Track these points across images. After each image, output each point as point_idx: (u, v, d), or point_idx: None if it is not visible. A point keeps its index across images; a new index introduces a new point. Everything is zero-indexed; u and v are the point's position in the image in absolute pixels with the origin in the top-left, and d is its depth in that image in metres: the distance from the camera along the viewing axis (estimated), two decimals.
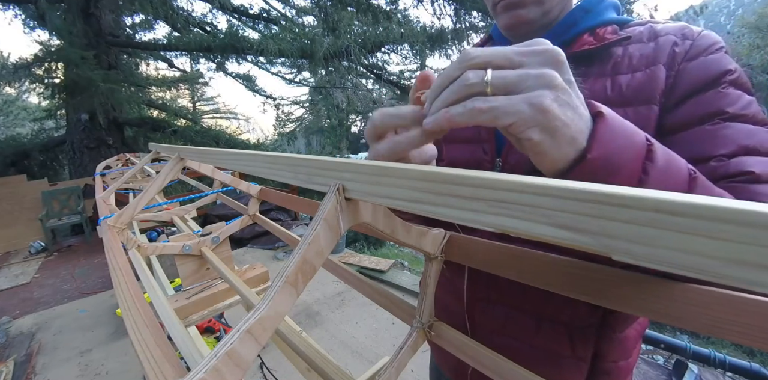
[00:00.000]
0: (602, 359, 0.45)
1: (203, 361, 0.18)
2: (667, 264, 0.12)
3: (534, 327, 0.46)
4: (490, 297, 0.49)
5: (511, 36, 0.48)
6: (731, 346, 2.80)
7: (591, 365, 0.46)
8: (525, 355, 0.47)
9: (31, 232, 4.28)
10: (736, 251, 0.10)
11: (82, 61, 4.24)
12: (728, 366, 1.37)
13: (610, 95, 0.40)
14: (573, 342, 0.45)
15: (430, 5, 5.73)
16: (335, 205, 0.23)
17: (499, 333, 0.49)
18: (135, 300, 0.47)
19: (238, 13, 6.14)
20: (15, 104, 13.17)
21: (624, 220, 0.12)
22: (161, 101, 7.23)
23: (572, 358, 0.45)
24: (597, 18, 0.44)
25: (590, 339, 0.45)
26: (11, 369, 2.01)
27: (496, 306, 0.49)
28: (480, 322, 0.51)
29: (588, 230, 0.13)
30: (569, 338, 0.45)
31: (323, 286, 2.82)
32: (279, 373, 1.78)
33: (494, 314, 0.49)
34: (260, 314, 0.20)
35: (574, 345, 0.45)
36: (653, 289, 0.26)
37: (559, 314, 0.45)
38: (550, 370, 0.46)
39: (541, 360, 0.46)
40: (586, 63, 0.42)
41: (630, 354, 0.47)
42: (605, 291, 0.29)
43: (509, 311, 0.48)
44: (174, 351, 0.39)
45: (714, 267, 0.11)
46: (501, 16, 0.45)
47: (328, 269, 0.61)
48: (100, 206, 0.95)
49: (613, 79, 0.40)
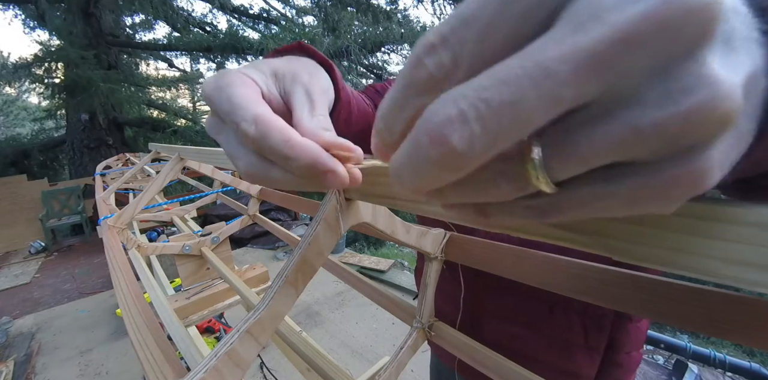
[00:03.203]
0: (616, 350, 0.45)
1: (203, 361, 0.18)
2: (667, 264, 0.12)
3: (546, 315, 0.46)
4: (502, 284, 0.48)
5: None
6: (731, 346, 2.80)
7: (604, 356, 0.46)
8: (535, 344, 0.47)
9: (31, 232, 4.28)
10: (735, 251, 0.10)
11: (82, 61, 4.24)
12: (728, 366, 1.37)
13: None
14: (587, 331, 0.45)
15: (430, 5, 5.73)
16: (335, 205, 0.23)
17: (509, 321, 0.49)
18: (135, 300, 0.47)
19: (238, 13, 6.14)
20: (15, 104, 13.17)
21: (624, 220, 0.12)
22: (161, 101, 7.22)
23: (585, 348, 0.45)
24: None
25: (605, 329, 0.45)
26: (11, 369, 2.01)
27: (506, 293, 0.48)
28: (489, 310, 0.50)
29: (588, 230, 0.13)
30: (583, 327, 0.45)
31: (323, 286, 2.82)
32: (279, 373, 1.78)
33: (505, 301, 0.49)
34: (260, 314, 0.20)
35: (587, 334, 0.45)
36: (653, 289, 0.26)
37: (574, 301, 0.45)
38: (560, 361, 0.46)
39: (553, 349, 0.46)
40: None
41: (641, 344, 0.47)
42: (605, 291, 0.29)
43: (521, 298, 0.48)
44: (174, 351, 0.39)
45: (714, 267, 0.11)
46: None
47: (328, 269, 0.61)
48: (100, 206, 0.95)
49: None
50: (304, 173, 0.16)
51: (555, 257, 0.32)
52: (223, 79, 0.17)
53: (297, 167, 0.16)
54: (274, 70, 0.21)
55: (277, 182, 0.17)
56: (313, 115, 0.19)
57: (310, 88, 0.20)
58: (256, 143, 0.16)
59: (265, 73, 0.20)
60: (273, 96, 0.20)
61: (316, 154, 0.16)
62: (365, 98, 0.43)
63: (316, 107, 0.20)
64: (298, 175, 0.17)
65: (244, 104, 0.16)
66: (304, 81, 0.21)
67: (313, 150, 0.16)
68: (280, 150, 0.15)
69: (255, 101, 0.17)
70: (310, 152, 0.16)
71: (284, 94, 0.21)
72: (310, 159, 0.16)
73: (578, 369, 0.46)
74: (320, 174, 0.16)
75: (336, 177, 0.16)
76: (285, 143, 0.15)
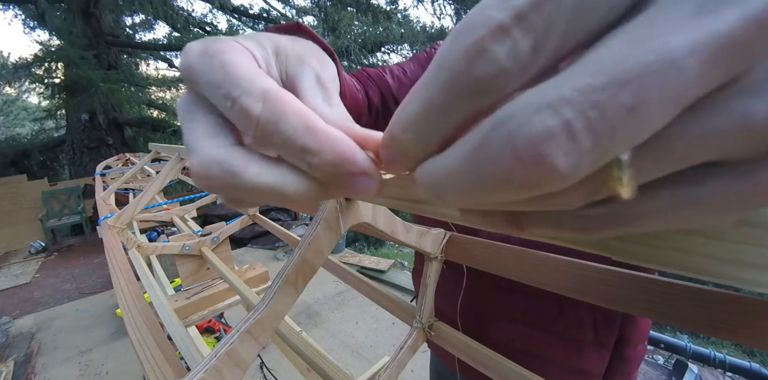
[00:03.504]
0: (625, 344, 0.45)
1: (203, 361, 0.18)
2: (667, 264, 0.12)
3: (556, 314, 0.45)
4: (509, 284, 0.48)
5: None
6: (731, 346, 2.80)
7: (613, 351, 0.45)
8: (545, 343, 0.46)
9: (31, 232, 4.28)
10: (735, 251, 0.10)
11: (82, 61, 4.24)
12: (728, 366, 1.37)
13: None
14: (597, 327, 0.44)
15: (430, 5, 5.73)
16: (335, 205, 0.23)
17: (517, 322, 0.48)
18: (135, 300, 0.47)
19: (238, 13, 6.14)
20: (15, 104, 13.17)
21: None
22: (161, 101, 7.23)
23: (594, 344, 0.45)
24: None
25: (615, 324, 0.44)
26: (11, 369, 2.01)
27: (515, 293, 0.48)
28: (495, 311, 0.50)
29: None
30: (593, 323, 0.44)
31: (323, 286, 2.82)
32: (279, 373, 1.78)
33: (513, 301, 0.48)
34: (260, 314, 0.20)
35: (598, 330, 0.44)
36: (653, 289, 0.26)
37: None
38: (570, 359, 0.46)
39: (563, 348, 0.46)
40: None
41: (646, 337, 0.47)
42: (605, 291, 0.29)
43: (529, 298, 0.47)
44: (174, 351, 0.39)
45: (714, 267, 0.11)
46: None
47: (328, 269, 0.61)
48: (100, 206, 0.95)
49: None
50: (327, 172, 0.12)
51: (555, 257, 0.32)
52: (214, 46, 0.13)
53: (318, 163, 0.11)
54: (276, 47, 0.17)
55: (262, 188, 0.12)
56: (331, 104, 0.15)
57: (321, 75, 0.17)
58: (262, 127, 0.11)
59: (265, 49, 0.16)
60: (273, 77, 0.16)
61: (347, 147, 0.12)
62: (356, 83, 0.41)
63: (332, 95, 0.16)
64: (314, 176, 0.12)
65: (247, 74, 0.12)
66: (314, 65, 0.17)
67: (344, 142, 0.12)
68: (297, 138, 0.11)
69: (260, 73, 0.12)
70: (340, 143, 0.12)
71: (287, 78, 0.17)
72: (339, 153, 0.11)
73: (588, 367, 0.46)
74: (347, 176, 0.12)
75: (369, 182, 0.12)
76: (306, 129, 0.11)
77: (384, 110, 0.48)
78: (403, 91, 0.49)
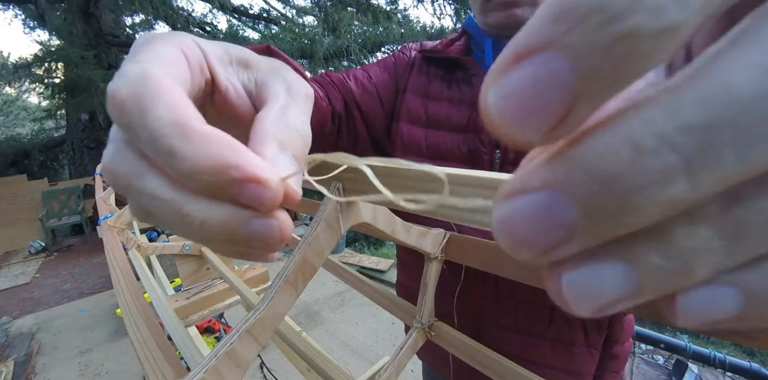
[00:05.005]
0: (612, 343, 0.47)
1: (203, 361, 0.18)
2: None
3: (548, 319, 0.46)
4: (500, 293, 0.49)
5: (497, 34, 0.47)
6: (731, 346, 2.80)
7: (602, 351, 0.47)
8: (538, 349, 0.47)
9: (31, 232, 4.28)
10: None
11: (82, 61, 4.24)
12: (728, 366, 1.37)
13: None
14: (587, 329, 0.46)
15: (430, 5, 5.73)
16: (335, 205, 0.23)
17: (510, 329, 0.49)
18: (135, 300, 0.47)
19: (238, 13, 6.14)
20: (15, 104, 13.17)
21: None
22: None
23: (585, 346, 0.46)
24: None
25: (603, 325, 0.46)
26: (11, 369, 2.01)
27: (507, 301, 0.48)
28: (490, 320, 0.50)
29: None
30: (583, 326, 0.45)
31: (323, 286, 2.82)
32: (279, 373, 1.78)
33: (505, 310, 0.48)
34: (260, 314, 0.20)
35: (588, 332, 0.46)
36: None
37: None
38: (564, 362, 0.47)
39: (555, 352, 0.47)
40: None
41: (631, 333, 0.49)
42: None
43: (520, 305, 0.47)
44: (174, 351, 0.39)
45: None
46: (493, 14, 0.44)
47: (328, 269, 0.61)
48: (100, 206, 0.95)
49: None
50: (205, 183, 0.09)
51: None
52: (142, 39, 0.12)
53: (192, 170, 0.09)
54: (247, 56, 0.16)
55: (149, 203, 0.10)
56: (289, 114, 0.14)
57: (293, 87, 0.15)
58: (127, 115, 0.09)
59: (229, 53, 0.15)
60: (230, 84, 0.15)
61: (228, 149, 0.09)
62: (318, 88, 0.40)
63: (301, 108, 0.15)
64: (192, 189, 0.10)
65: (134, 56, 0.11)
66: (287, 77, 0.16)
67: (224, 142, 0.09)
68: (162, 136, 0.09)
69: (157, 60, 0.11)
70: (219, 143, 0.09)
71: (255, 87, 0.15)
72: (215, 157, 0.09)
73: (581, 368, 0.47)
74: (232, 184, 0.09)
75: (262, 191, 0.10)
76: (174, 124, 0.09)
77: (348, 117, 0.47)
78: (366, 97, 0.49)
